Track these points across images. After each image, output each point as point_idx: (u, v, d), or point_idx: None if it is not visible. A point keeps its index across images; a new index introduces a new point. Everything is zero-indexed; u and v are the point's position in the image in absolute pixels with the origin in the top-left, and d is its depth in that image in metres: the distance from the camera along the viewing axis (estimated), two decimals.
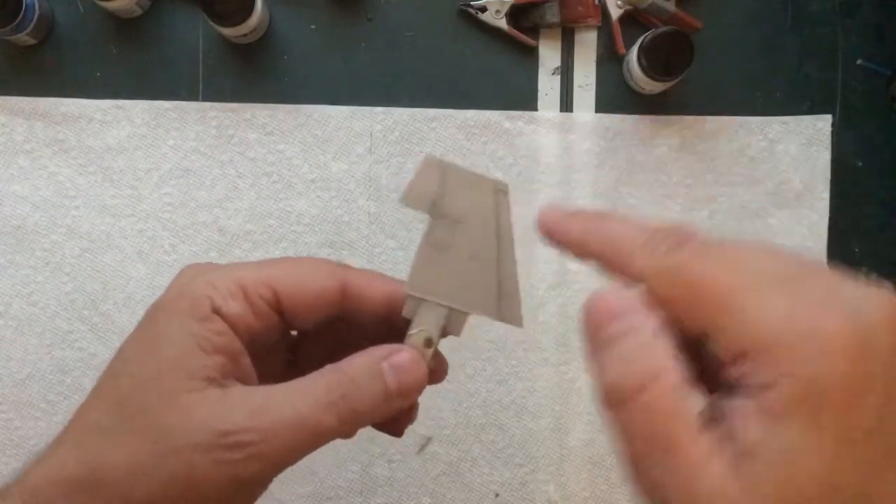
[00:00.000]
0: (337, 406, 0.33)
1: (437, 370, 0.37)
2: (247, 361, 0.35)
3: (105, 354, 0.57)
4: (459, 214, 0.36)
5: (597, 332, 0.27)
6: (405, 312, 0.36)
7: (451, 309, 0.36)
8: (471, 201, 0.36)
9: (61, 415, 0.57)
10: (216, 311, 0.34)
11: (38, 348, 0.57)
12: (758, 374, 0.24)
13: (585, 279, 0.58)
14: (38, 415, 0.57)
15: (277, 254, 0.57)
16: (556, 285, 0.58)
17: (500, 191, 0.37)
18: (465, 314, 0.36)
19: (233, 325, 0.34)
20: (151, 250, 0.57)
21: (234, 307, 0.34)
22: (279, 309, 0.36)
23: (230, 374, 0.34)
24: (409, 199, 0.36)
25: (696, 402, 0.25)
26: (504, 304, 0.36)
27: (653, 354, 0.26)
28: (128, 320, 0.57)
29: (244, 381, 0.35)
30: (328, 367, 0.34)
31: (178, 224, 0.57)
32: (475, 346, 0.57)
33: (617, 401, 0.26)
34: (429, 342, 0.35)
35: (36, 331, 0.57)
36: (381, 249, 0.58)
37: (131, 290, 0.57)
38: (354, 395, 0.33)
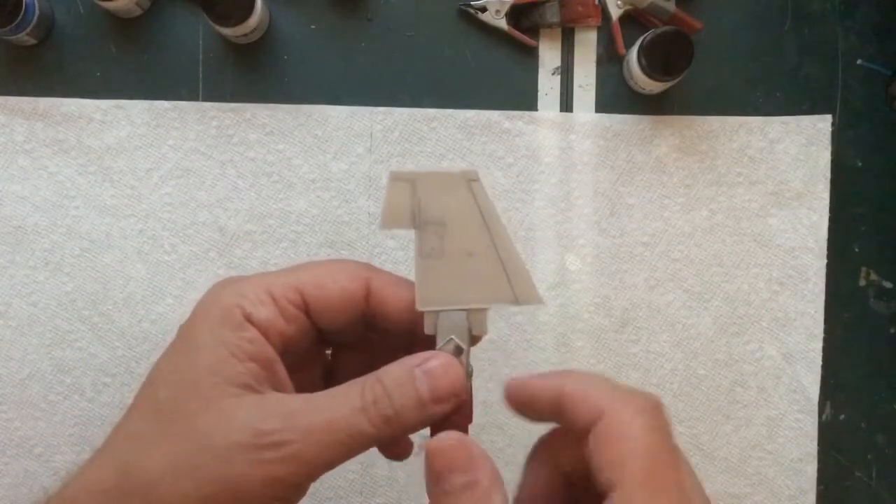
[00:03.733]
0: (369, 411, 0.33)
1: None
2: (281, 370, 0.35)
3: (105, 355, 0.57)
4: (441, 217, 0.36)
5: (439, 481, 0.33)
6: (426, 330, 0.36)
7: (468, 310, 0.36)
8: (447, 200, 0.36)
9: (61, 415, 0.57)
10: (247, 319, 0.34)
11: (38, 348, 0.57)
12: None
13: (586, 279, 0.58)
14: (38, 415, 0.57)
15: (277, 254, 0.57)
16: (556, 285, 0.58)
17: (471, 180, 0.36)
18: (484, 310, 0.36)
19: (265, 331, 0.35)
20: (151, 250, 0.57)
21: (264, 313, 0.35)
22: (307, 311, 0.36)
23: (265, 382, 0.34)
24: (389, 221, 0.36)
25: None
26: (517, 286, 0.36)
27: (486, 498, 0.32)
28: (128, 320, 0.57)
29: (279, 389, 0.35)
30: (364, 376, 0.34)
31: (178, 224, 0.57)
32: (475, 346, 0.57)
33: None
34: (459, 350, 0.35)
35: (36, 331, 0.57)
36: (380, 249, 0.58)
37: (131, 290, 0.57)
38: (386, 401, 0.33)
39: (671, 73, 0.54)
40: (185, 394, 0.33)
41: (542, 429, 0.38)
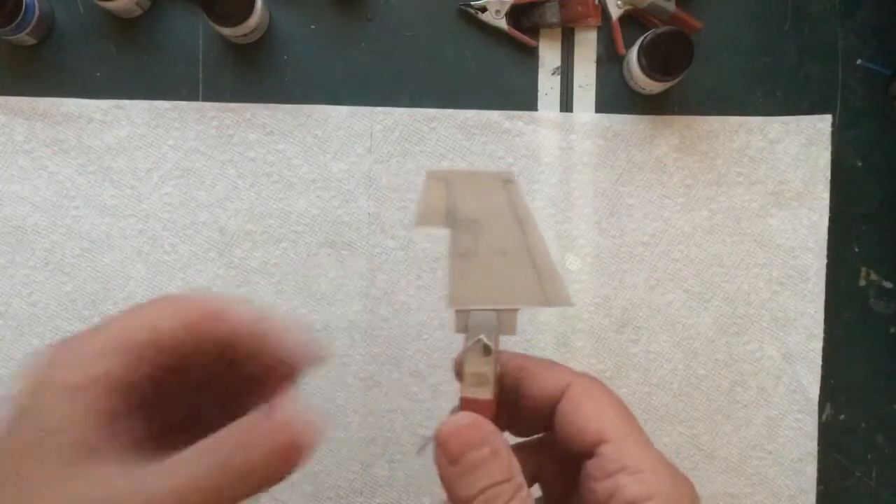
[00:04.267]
0: (209, 480, 0.31)
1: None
2: (131, 424, 0.32)
3: None
4: (476, 217, 0.36)
5: (459, 460, 0.33)
6: (456, 329, 0.36)
7: (498, 311, 0.36)
8: (483, 200, 0.36)
9: None
10: (87, 376, 0.31)
11: (38, 348, 0.57)
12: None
13: (586, 279, 0.58)
14: None
15: (277, 254, 0.57)
16: None
17: (507, 181, 0.37)
18: (514, 311, 0.36)
19: (108, 386, 0.31)
20: (151, 250, 0.57)
21: (103, 366, 0.31)
22: (145, 356, 0.33)
23: (108, 442, 0.31)
24: (424, 220, 0.36)
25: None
26: (548, 288, 0.36)
27: (509, 466, 0.33)
28: None
29: (126, 445, 0.32)
30: (200, 444, 0.32)
31: (178, 224, 0.57)
32: None
33: None
34: (487, 350, 0.35)
35: (36, 331, 0.57)
36: (380, 249, 0.58)
37: (131, 290, 0.57)
38: (221, 473, 0.31)
39: (671, 73, 0.54)
40: (17, 464, 0.30)
41: None
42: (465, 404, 0.35)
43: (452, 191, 0.36)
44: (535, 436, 0.39)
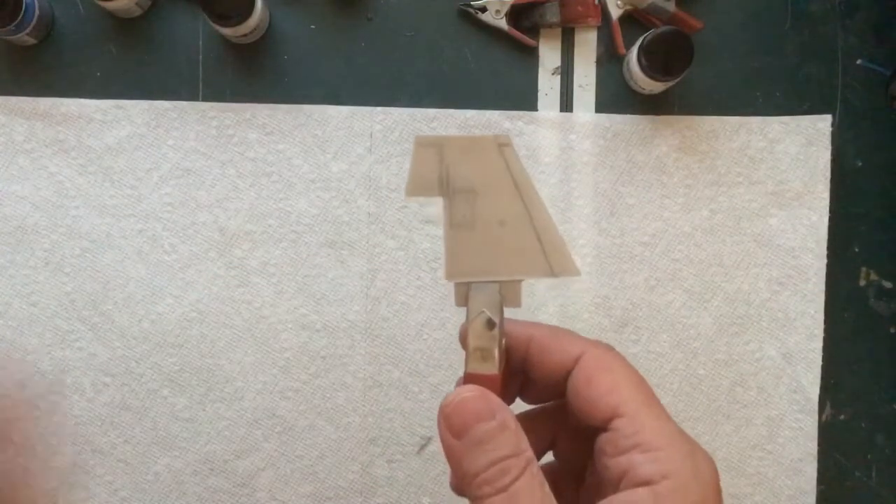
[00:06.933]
0: None
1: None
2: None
3: (105, 354, 0.57)
4: (471, 184, 0.34)
5: (465, 432, 0.32)
6: (456, 302, 0.34)
7: (501, 282, 0.34)
8: (477, 166, 0.34)
9: (61, 415, 0.57)
10: None
11: (38, 348, 0.57)
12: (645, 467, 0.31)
13: (586, 279, 0.58)
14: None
15: (277, 254, 0.57)
16: (555, 285, 0.58)
17: (502, 145, 0.34)
18: (518, 282, 0.34)
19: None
20: (151, 250, 0.57)
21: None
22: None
23: None
24: (414, 189, 0.34)
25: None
26: (552, 257, 0.34)
27: (518, 441, 0.32)
28: (128, 320, 0.57)
29: None
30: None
31: (178, 224, 0.57)
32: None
33: (493, 488, 0.31)
34: (491, 324, 0.33)
35: (36, 331, 0.57)
36: (380, 249, 0.58)
37: (131, 290, 0.57)
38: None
39: (671, 73, 0.54)
40: None
41: None
42: (470, 380, 0.33)
43: (444, 158, 0.34)
44: (550, 402, 0.38)
